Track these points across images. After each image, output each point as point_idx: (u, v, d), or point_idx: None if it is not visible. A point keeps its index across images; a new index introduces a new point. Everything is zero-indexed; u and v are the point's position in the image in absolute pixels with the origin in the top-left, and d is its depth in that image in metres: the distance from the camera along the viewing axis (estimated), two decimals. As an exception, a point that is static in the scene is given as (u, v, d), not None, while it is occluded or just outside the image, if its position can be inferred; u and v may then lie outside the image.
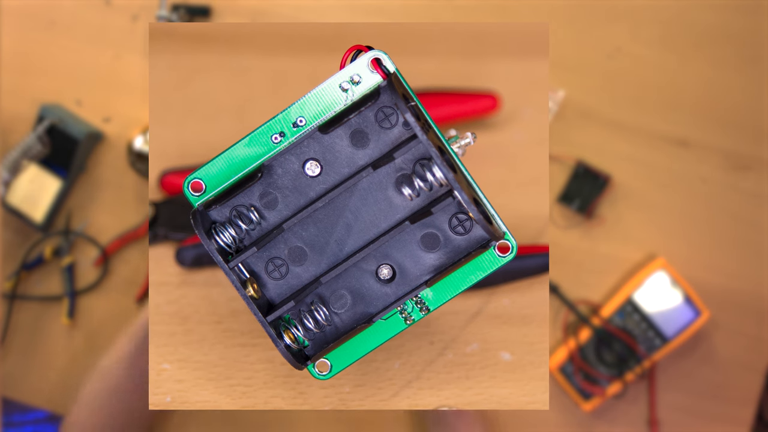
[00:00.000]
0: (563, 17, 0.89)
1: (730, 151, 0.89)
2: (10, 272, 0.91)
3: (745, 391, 0.89)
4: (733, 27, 0.89)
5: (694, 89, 0.89)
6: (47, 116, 0.88)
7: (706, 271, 0.89)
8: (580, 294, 0.89)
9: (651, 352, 0.87)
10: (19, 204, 0.90)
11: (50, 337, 0.90)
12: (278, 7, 0.89)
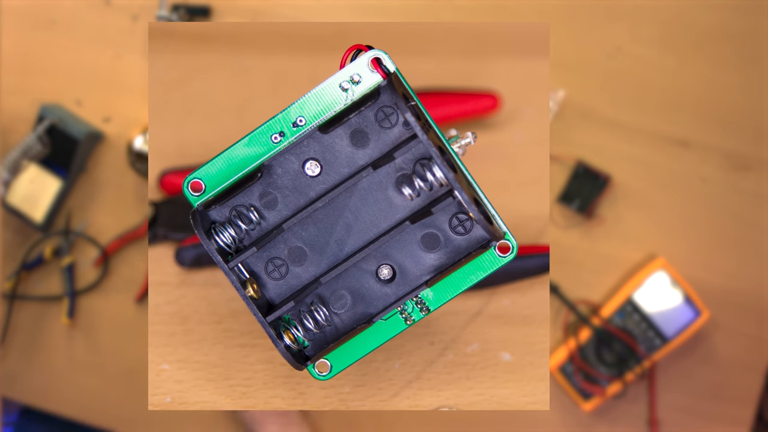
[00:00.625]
0: (563, 17, 0.89)
1: (731, 151, 0.89)
2: (10, 272, 0.91)
3: (745, 391, 0.89)
4: (733, 27, 0.89)
5: (694, 89, 0.89)
6: (47, 116, 0.87)
7: (706, 271, 0.89)
8: (580, 294, 0.89)
9: (651, 352, 0.87)
10: (19, 204, 0.90)
11: (50, 337, 0.90)
12: (278, 7, 0.89)
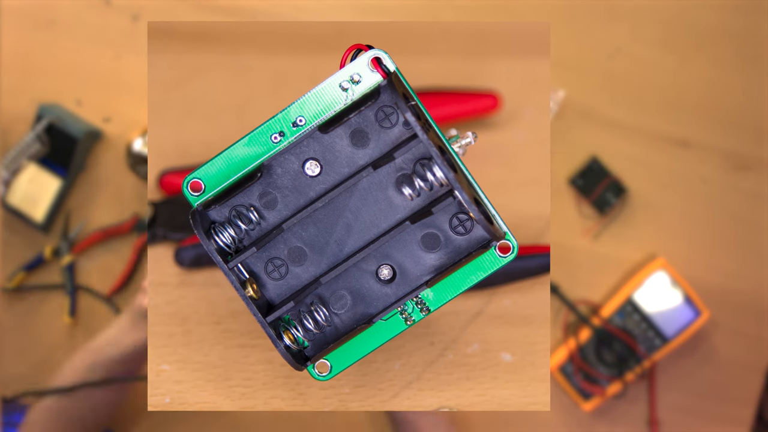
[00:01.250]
0: (563, 17, 0.89)
1: (731, 151, 0.89)
2: (10, 272, 0.91)
3: (745, 391, 0.89)
4: (733, 27, 0.89)
5: (695, 89, 0.89)
6: (46, 115, 0.87)
7: (706, 271, 0.89)
8: (580, 294, 0.89)
9: (651, 352, 0.87)
10: (19, 204, 0.90)
11: (51, 336, 0.90)
12: (278, 7, 0.89)
